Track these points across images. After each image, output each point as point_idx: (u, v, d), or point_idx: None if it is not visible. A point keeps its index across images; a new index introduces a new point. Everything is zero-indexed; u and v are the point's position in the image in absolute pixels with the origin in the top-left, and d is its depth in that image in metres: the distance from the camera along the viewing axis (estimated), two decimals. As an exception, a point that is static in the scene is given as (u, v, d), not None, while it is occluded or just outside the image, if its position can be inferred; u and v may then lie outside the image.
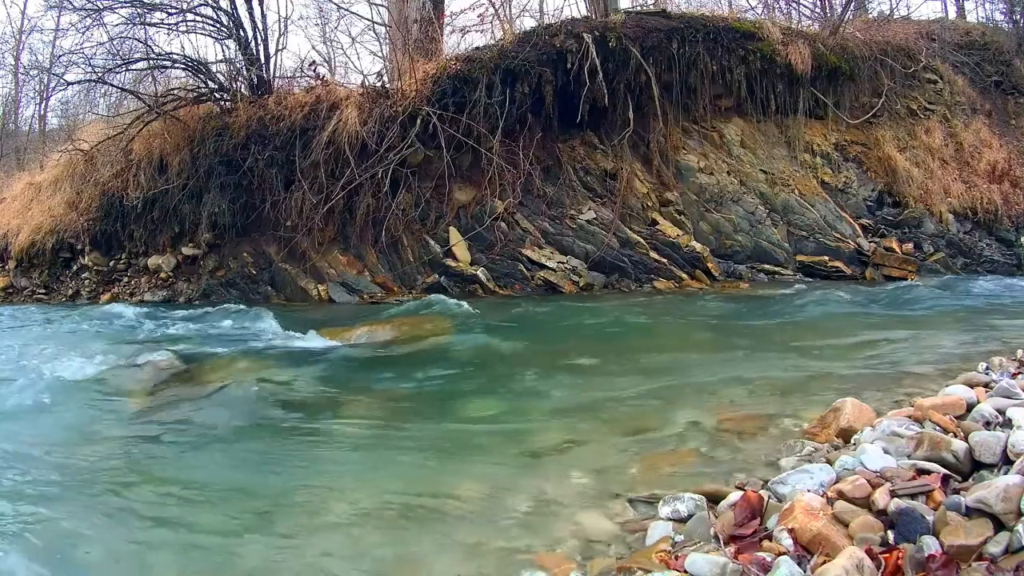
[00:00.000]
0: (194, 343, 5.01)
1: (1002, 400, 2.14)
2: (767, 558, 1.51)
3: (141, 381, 3.96)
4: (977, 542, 1.44)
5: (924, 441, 1.89)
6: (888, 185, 8.33)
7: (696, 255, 7.48)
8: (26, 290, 8.93)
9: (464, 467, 2.47)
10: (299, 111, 7.52)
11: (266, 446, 2.85)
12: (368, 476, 2.44)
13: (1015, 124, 9.57)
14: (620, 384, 3.51)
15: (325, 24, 14.36)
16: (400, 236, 7.40)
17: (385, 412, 3.27)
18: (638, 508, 2.01)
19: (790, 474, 1.91)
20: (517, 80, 7.24)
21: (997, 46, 10.20)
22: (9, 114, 17.10)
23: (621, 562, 1.69)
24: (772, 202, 7.89)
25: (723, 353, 4.18)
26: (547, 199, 7.59)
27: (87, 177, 8.38)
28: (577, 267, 7.35)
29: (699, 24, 7.87)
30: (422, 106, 7.14)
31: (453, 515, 2.05)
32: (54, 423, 3.28)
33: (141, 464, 2.67)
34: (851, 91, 8.47)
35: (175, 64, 8.56)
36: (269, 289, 7.71)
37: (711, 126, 8.08)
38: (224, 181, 7.55)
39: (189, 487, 2.39)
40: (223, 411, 3.43)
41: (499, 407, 3.29)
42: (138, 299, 7.96)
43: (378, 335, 5.14)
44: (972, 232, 8.42)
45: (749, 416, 2.77)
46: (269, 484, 2.39)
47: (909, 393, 2.83)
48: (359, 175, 7.15)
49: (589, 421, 2.94)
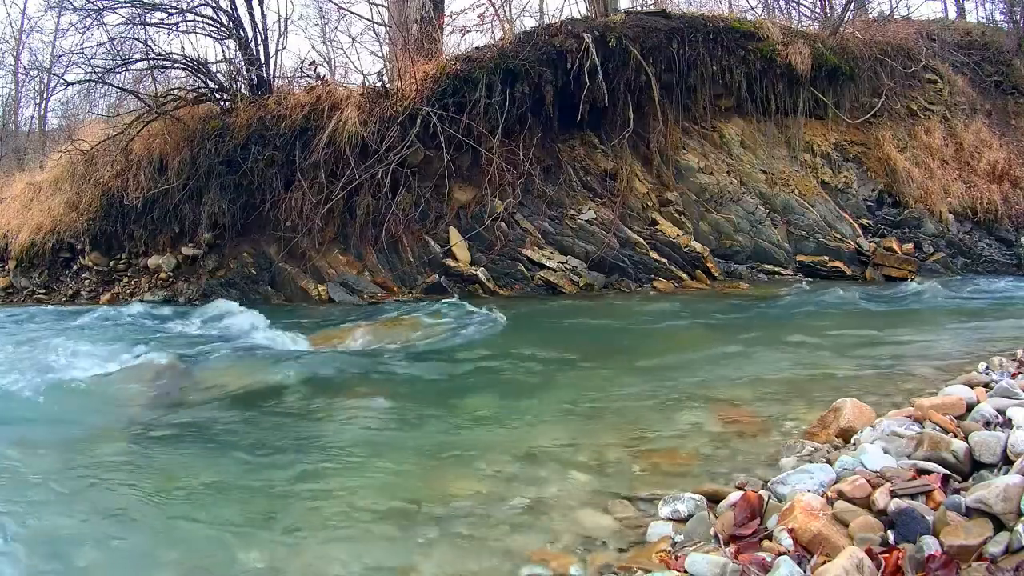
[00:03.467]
0: (194, 343, 5.01)
1: (1002, 400, 2.14)
2: (767, 558, 1.51)
3: (141, 381, 3.96)
4: (977, 542, 1.44)
5: (924, 441, 1.89)
6: (888, 185, 8.33)
7: (696, 255, 7.48)
8: (26, 290, 8.92)
9: (464, 466, 2.47)
10: (299, 111, 7.51)
11: (265, 446, 2.85)
12: (368, 475, 2.44)
13: (1015, 124, 9.57)
14: (620, 384, 3.52)
15: (325, 24, 14.36)
16: (400, 236, 7.40)
17: (385, 412, 3.27)
18: (638, 508, 2.01)
19: (790, 474, 1.91)
20: (517, 80, 7.24)
21: (997, 46, 10.19)
22: (9, 114, 17.08)
23: (621, 562, 1.69)
24: (772, 202, 7.89)
25: (723, 353, 4.18)
26: (547, 199, 7.59)
27: (87, 177, 8.36)
28: (577, 267, 7.35)
29: (699, 24, 7.87)
30: (422, 106, 7.14)
31: (453, 514, 2.05)
32: (54, 423, 3.28)
33: (141, 464, 2.68)
34: (851, 91, 8.46)
35: (175, 64, 8.56)
36: (269, 289, 7.71)
37: (711, 126, 8.08)
38: (224, 181, 7.55)
39: (189, 487, 2.39)
40: (223, 411, 3.43)
41: (499, 407, 3.30)
42: (138, 299, 7.95)
43: (378, 335, 5.14)
44: (972, 232, 8.42)
45: (749, 416, 2.78)
46: (269, 484, 2.39)
47: (909, 393, 2.83)
48: (359, 175, 7.16)
49: (589, 420, 2.94)
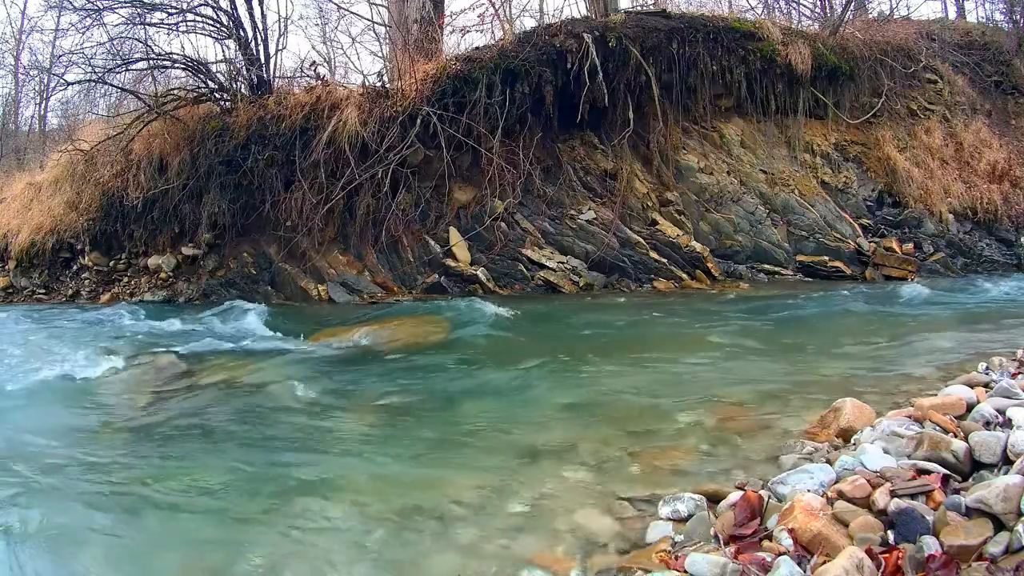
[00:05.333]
0: (194, 343, 5.01)
1: (1002, 400, 2.14)
2: (767, 558, 1.51)
3: (141, 381, 3.96)
4: (977, 542, 1.44)
5: (924, 441, 1.89)
6: (888, 185, 8.33)
7: (696, 255, 7.48)
8: (26, 290, 8.92)
9: (464, 466, 2.47)
10: (299, 111, 7.51)
11: (265, 446, 2.84)
12: (368, 475, 2.44)
13: (1015, 124, 9.57)
14: (620, 383, 3.52)
15: (325, 24, 14.38)
16: (400, 236, 7.40)
17: (385, 412, 3.27)
18: (638, 508, 2.01)
19: (790, 474, 1.91)
20: (517, 80, 7.24)
21: (997, 46, 10.20)
22: (9, 114, 17.09)
23: (621, 562, 1.69)
24: (772, 202, 7.89)
25: (723, 353, 4.18)
26: (547, 199, 7.59)
27: (87, 177, 8.37)
28: (577, 267, 7.35)
29: (699, 24, 7.87)
30: (422, 106, 7.14)
31: (453, 514, 2.05)
32: (54, 423, 3.28)
33: (141, 464, 2.68)
34: (851, 91, 8.47)
35: (175, 64, 8.56)
36: (269, 289, 7.70)
37: (711, 126, 8.08)
38: (224, 181, 7.55)
39: (189, 487, 2.39)
40: (223, 411, 3.43)
41: (499, 407, 3.29)
42: (138, 299, 7.96)
43: (378, 335, 5.14)
44: (972, 232, 8.42)
45: (749, 416, 2.78)
46: (269, 484, 2.39)
47: (909, 393, 2.83)
48: (359, 175, 7.16)
49: (589, 420, 2.94)
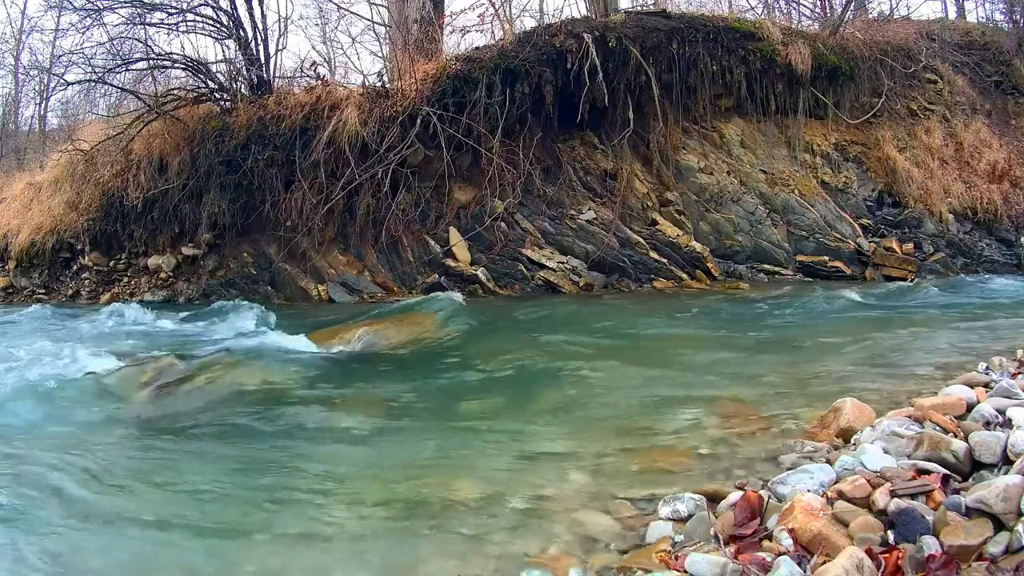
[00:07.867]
0: (194, 343, 5.01)
1: (1002, 400, 2.14)
2: (767, 558, 1.50)
3: (141, 382, 3.95)
4: (977, 542, 1.44)
5: (924, 441, 1.89)
6: (888, 185, 8.33)
7: (696, 255, 7.48)
8: (26, 290, 8.92)
9: (463, 467, 2.46)
10: (299, 111, 7.52)
11: (265, 447, 2.84)
12: (368, 476, 2.44)
13: (1015, 124, 9.57)
14: (620, 383, 3.51)
15: (325, 24, 14.38)
16: (400, 236, 7.40)
17: (384, 412, 3.27)
18: (638, 508, 2.01)
19: (790, 474, 1.91)
20: (517, 80, 7.24)
21: (997, 46, 10.20)
22: (9, 114, 17.09)
23: (621, 562, 1.69)
24: (772, 202, 7.89)
25: (723, 353, 4.17)
26: (547, 199, 7.59)
27: (87, 177, 8.37)
28: (577, 267, 7.35)
29: (699, 24, 7.87)
30: (422, 106, 7.14)
31: (453, 515, 2.04)
32: (53, 423, 3.27)
33: (140, 465, 2.67)
34: (851, 91, 8.47)
35: (175, 64, 8.57)
36: (269, 289, 7.71)
37: (711, 126, 8.07)
38: (224, 181, 7.56)
39: (188, 488, 2.39)
40: (222, 411, 3.43)
41: (499, 407, 3.29)
42: (138, 299, 7.95)
43: (378, 335, 5.14)
44: (972, 232, 8.42)
45: (749, 415, 2.77)
46: (269, 485, 2.39)
47: (909, 393, 2.83)
48: (359, 175, 7.16)
49: (589, 420, 2.94)
